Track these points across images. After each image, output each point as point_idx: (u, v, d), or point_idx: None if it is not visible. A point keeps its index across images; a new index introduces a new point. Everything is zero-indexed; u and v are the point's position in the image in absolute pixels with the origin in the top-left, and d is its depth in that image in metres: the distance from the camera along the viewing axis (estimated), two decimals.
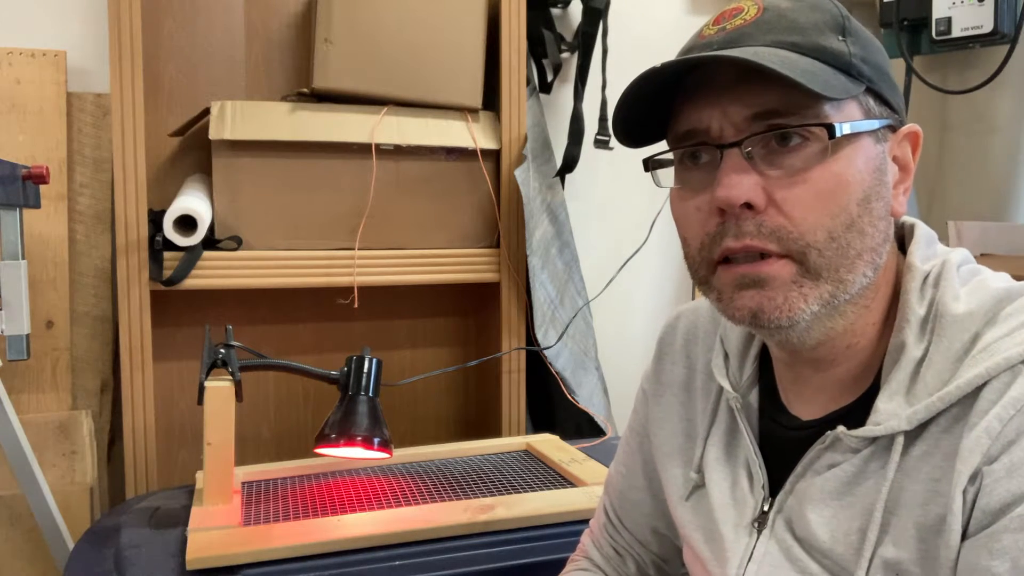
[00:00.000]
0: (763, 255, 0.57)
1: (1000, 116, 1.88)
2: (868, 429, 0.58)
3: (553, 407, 1.70)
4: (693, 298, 1.99)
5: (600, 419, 1.63)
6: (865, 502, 0.58)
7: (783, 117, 0.57)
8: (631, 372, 1.93)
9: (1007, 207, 1.92)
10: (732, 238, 0.57)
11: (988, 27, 1.64)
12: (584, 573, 0.87)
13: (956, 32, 1.69)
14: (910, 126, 0.63)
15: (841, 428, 0.60)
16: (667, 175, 0.65)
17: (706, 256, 0.60)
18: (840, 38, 0.59)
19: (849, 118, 0.58)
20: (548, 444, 1.43)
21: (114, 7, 1.37)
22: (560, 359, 1.63)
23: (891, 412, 0.57)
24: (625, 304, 1.97)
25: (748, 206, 0.57)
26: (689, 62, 0.58)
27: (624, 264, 1.71)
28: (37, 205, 1.32)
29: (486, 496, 1.19)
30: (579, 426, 1.65)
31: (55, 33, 1.54)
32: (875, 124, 0.59)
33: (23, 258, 1.26)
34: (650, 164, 0.65)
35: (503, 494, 1.19)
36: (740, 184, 0.56)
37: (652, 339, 0.83)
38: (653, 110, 0.63)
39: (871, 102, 0.60)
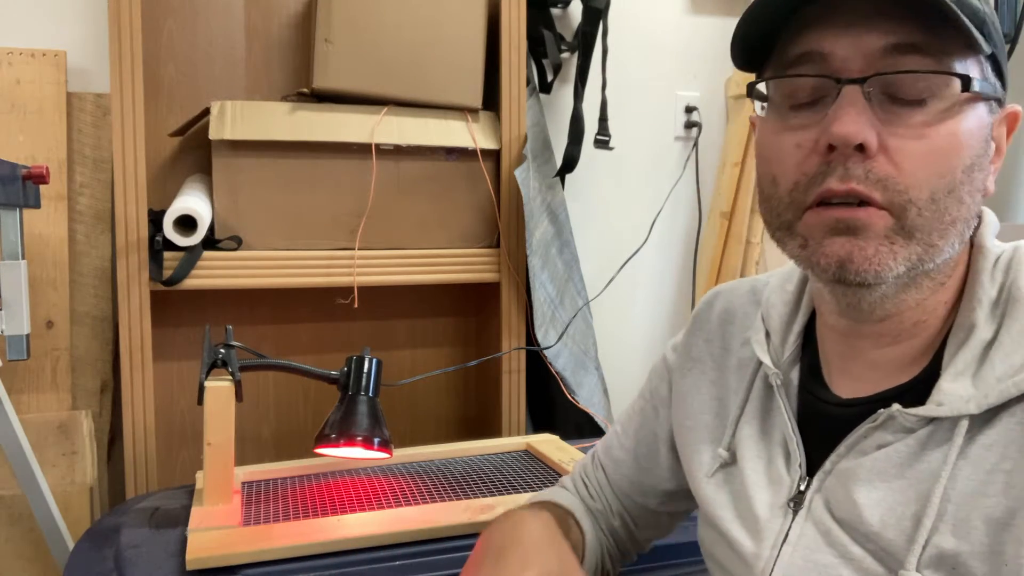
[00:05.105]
0: (862, 203, 0.54)
1: None
2: (930, 409, 0.56)
3: (553, 407, 1.70)
4: (693, 299, 1.99)
5: (600, 419, 1.62)
6: (921, 487, 0.55)
7: (920, 55, 0.54)
8: (631, 372, 1.94)
9: (1007, 207, 1.92)
10: (837, 180, 0.54)
11: None
12: (560, 489, 0.88)
13: None
14: (1012, 106, 0.61)
15: (897, 406, 0.57)
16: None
17: (798, 198, 0.57)
18: None
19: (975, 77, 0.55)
20: (548, 444, 1.43)
21: (114, 7, 1.37)
22: (560, 359, 1.63)
23: (956, 394, 0.55)
24: (625, 304, 1.97)
25: (860, 148, 0.54)
26: None
27: (624, 264, 1.71)
28: (37, 205, 1.32)
29: (486, 496, 1.19)
30: (579, 426, 1.65)
31: (55, 33, 1.54)
32: (992, 91, 0.57)
33: (23, 258, 1.26)
34: (754, 92, 0.61)
35: (503, 494, 1.19)
36: (858, 121, 0.53)
37: (652, 339, 0.83)
38: (762, 33, 0.59)
39: (989, 70, 0.57)
